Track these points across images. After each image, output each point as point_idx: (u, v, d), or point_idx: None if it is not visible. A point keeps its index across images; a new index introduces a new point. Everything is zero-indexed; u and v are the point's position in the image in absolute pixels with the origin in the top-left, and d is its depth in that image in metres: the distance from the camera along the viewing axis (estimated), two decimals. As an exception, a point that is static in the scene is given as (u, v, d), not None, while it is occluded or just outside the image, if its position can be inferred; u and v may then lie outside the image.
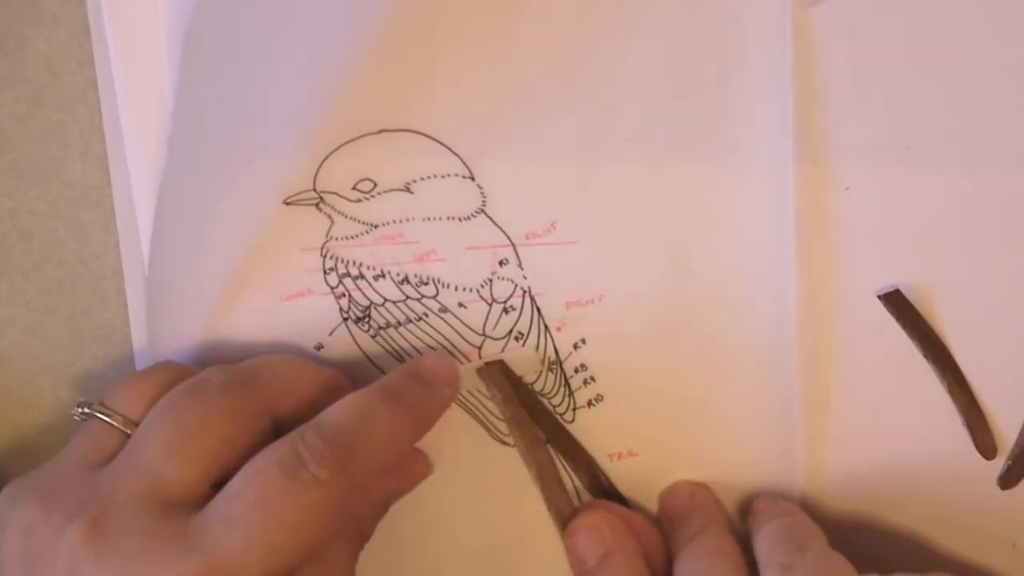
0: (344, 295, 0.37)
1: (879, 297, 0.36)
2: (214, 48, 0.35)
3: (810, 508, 0.38)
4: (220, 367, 0.33)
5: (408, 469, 0.37)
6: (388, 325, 0.37)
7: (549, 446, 0.38)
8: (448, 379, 0.35)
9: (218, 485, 0.31)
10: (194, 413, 0.32)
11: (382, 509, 0.37)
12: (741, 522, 0.38)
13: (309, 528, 0.30)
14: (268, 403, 0.33)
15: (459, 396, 0.37)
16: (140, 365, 0.37)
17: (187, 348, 0.36)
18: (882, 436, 0.37)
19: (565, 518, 0.36)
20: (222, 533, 0.29)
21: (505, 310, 0.37)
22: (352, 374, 0.37)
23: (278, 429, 0.33)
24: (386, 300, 0.37)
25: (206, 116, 0.35)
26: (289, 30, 0.34)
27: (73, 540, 0.29)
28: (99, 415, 0.33)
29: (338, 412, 0.32)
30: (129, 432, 0.33)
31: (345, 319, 0.37)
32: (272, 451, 0.31)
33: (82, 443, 0.33)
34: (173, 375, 0.34)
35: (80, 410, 0.34)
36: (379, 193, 0.36)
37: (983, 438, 0.37)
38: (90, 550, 0.29)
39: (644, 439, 0.38)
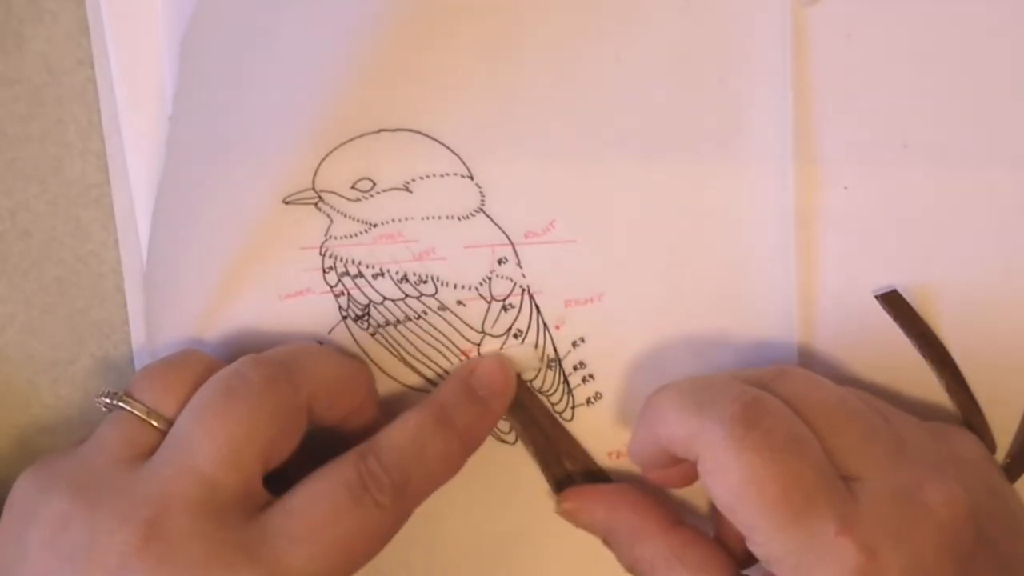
0: (343, 294, 0.37)
1: (876, 297, 0.36)
2: (213, 47, 0.35)
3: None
4: (254, 360, 0.33)
5: None
6: (387, 323, 0.37)
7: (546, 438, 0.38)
8: (503, 391, 0.36)
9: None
10: (241, 418, 0.31)
11: None
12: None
13: (367, 549, 0.32)
14: (305, 399, 0.33)
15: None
16: (139, 364, 0.37)
17: (187, 347, 0.36)
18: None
19: (561, 487, 0.37)
20: (286, 548, 0.30)
21: (504, 308, 0.37)
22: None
23: (313, 420, 0.34)
24: (385, 298, 0.37)
25: (205, 115, 0.35)
26: (289, 30, 0.34)
27: (126, 542, 0.29)
28: (132, 409, 0.33)
29: (397, 437, 0.33)
30: (160, 427, 0.32)
31: (344, 317, 0.37)
32: (337, 472, 0.32)
33: (114, 436, 0.32)
34: (202, 367, 0.34)
35: (107, 400, 0.33)
36: (378, 192, 0.36)
37: (983, 436, 0.37)
38: (146, 555, 0.29)
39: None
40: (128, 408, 0.33)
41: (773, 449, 0.29)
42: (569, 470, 0.38)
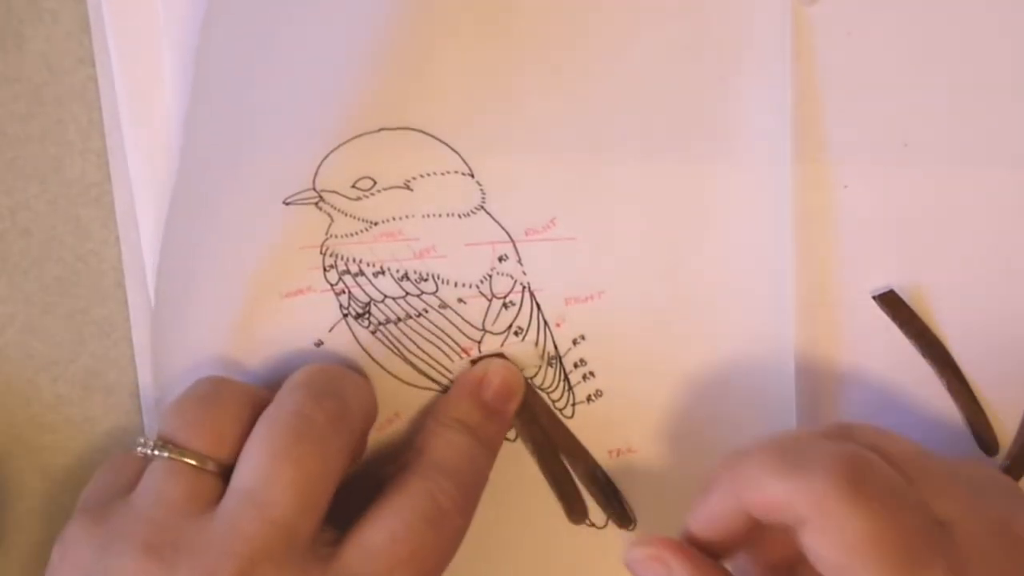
0: (344, 292, 0.37)
1: (874, 298, 0.36)
2: (213, 47, 0.35)
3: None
4: (313, 398, 0.33)
5: None
6: (388, 321, 0.37)
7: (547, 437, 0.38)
8: (513, 395, 0.37)
9: None
10: (315, 462, 0.31)
11: None
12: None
13: (443, 568, 0.33)
14: (361, 433, 0.34)
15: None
16: (140, 362, 0.37)
17: (188, 346, 0.36)
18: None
19: (561, 485, 0.38)
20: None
21: (505, 305, 0.37)
22: (353, 369, 0.37)
23: None
24: (386, 296, 0.37)
25: (205, 117, 0.35)
26: (289, 30, 0.34)
27: None
28: (187, 460, 0.32)
29: (455, 456, 0.34)
30: (216, 471, 0.32)
31: (345, 315, 0.37)
32: (411, 502, 0.32)
33: (172, 488, 0.32)
34: (245, 400, 0.34)
35: (153, 451, 0.32)
36: (379, 191, 0.36)
37: (985, 434, 0.37)
38: None
39: (643, 435, 0.38)
40: (187, 460, 0.32)
41: (885, 502, 0.28)
42: (569, 467, 0.38)
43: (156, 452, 0.32)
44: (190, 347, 0.37)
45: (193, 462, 0.32)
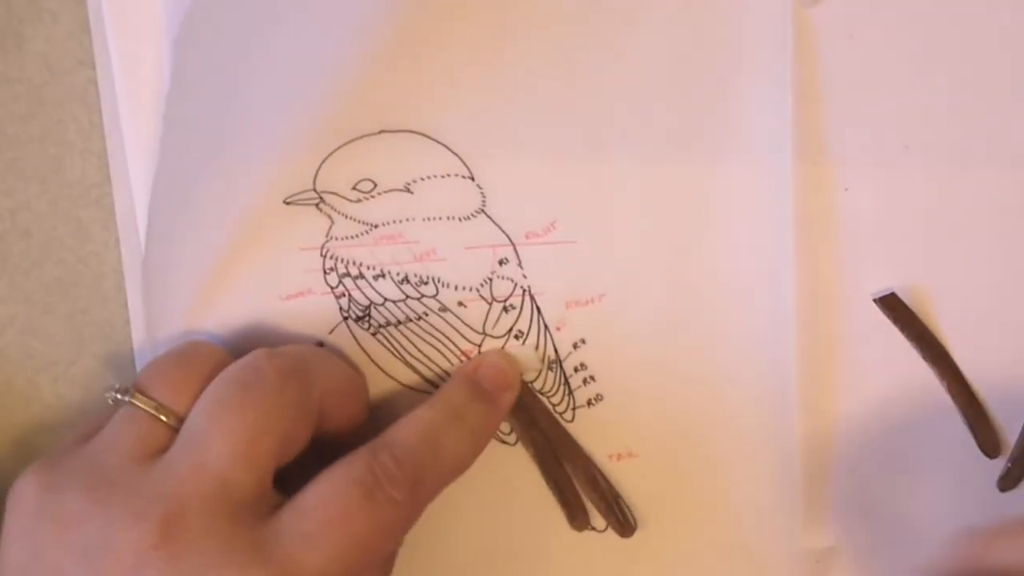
0: (344, 295, 0.37)
1: (875, 301, 0.36)
2: (213, 47, 0.35)
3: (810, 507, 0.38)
4: (268, 354, 0.33)
5: None
6: (388, 324, 0.37)
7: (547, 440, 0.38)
8: (509, 384, 0.36)
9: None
10: (255, 415, 0.31)
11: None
12: (737, 518, 0.38)
13: (381, 546, 0.32)
14: (318, 397, 0.33)
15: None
16: (140, 364, 0.37)
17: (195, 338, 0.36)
18: (883, 436, 0.37)
19: (562, 490, 0.37)
20: (298, 547, 0.30)
21: (505, 309, 0.37)
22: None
23: (319, 422, 0.34)
24: (386, 299, 0.37)
25: (206, 115, 0.35)
26: (289, 30, 0.34)
27: (141, 540, 0.29)
28: (143, 406, 0.32)
29: (408, 433, 0.33)
30: (171, 423, 0.32)
31: (345, 318, 0.37)
32: (348, 469, 0.31)
33: (125, 434, 0.32)
34: (212, 361, 0.33)
35: (117, 395, 0.33)
36: (379, 193, 0.36)
37: (986, 437, 0.37)
38: (162, 552, 0.29)
39: (643, 440, 0.38)
40: (139, 404, 0.32)
41: None
42: (569, 472, 0.38)
43: (119, 397, 0.33)
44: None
45: (150, 410, 0.32)
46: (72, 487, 0.31)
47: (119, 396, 0.33)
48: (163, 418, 0.32)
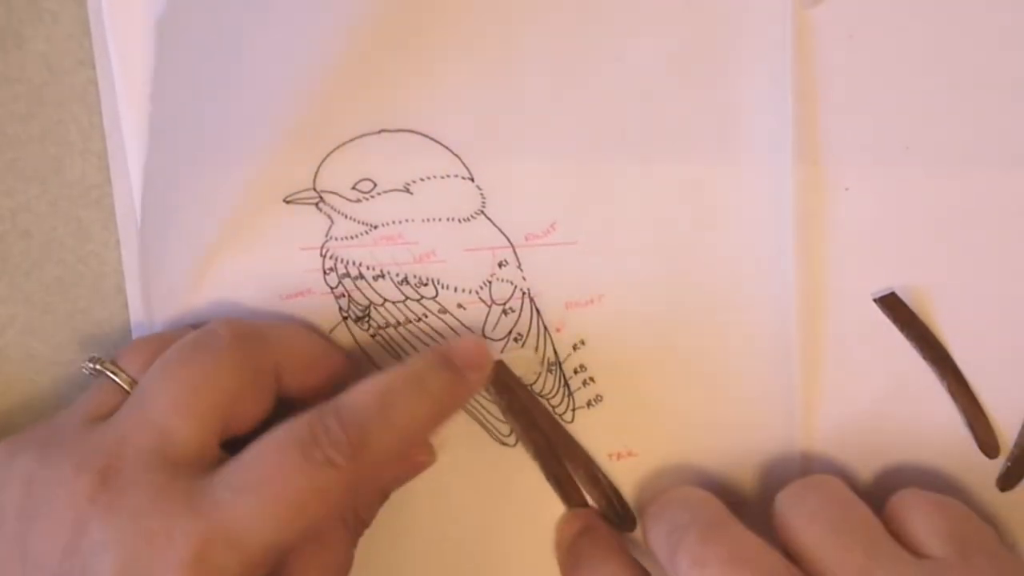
0: (344, 295, 0.37)
1: (875, 300, 0.36)
2: (213, 47, 0.35)
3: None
4: (227, 319, 0.33)
5: (411, 458, 0.37)
6: (388, 325, 0.37)
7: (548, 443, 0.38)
8: (479, 364, 0.34)
9: (224, 443, 0.32)
10: (202, 368, 0.31)
11: (382, 496, 0.36)
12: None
13: (316, 508, 0.30)
14: (275, 363, 0.33)
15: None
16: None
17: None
18: (882, 436, 0.37)
19: (564, 488, 0.37)
20: (228, 500, 0.29)
21: (504, 312, 0.37)
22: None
23: (281, 393, 0.34)
24: (385, 300, 0.37)
25: (205, 115, 0.35)
26: (290, 29, 0.34)
27: (80, 492, 0.29)
28: (106, 371, 0.33)
29: (359, 396, 0.32)
30: (129, 389, 0.33)
31: (345, 318, 0.37)
32: (290, 428, 0.31)
33: (86, 399, 0.33)
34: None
35: (90, 364, 0.34)
36: (379, 193, 0.36)
37: (985, 437, 0.37)
38: (99, 503, 0.29)
39: (643, 439, 0.38)
40: (105, 371, 0.33)
41: None
42: (569, 472, 0.38)
43: (89, 364, 0.33)
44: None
45: (114, 377, 0.33)
46: (26, 451, 0.31)
47: (92, 366, 0.33)
48: (119, 381, 0.33)
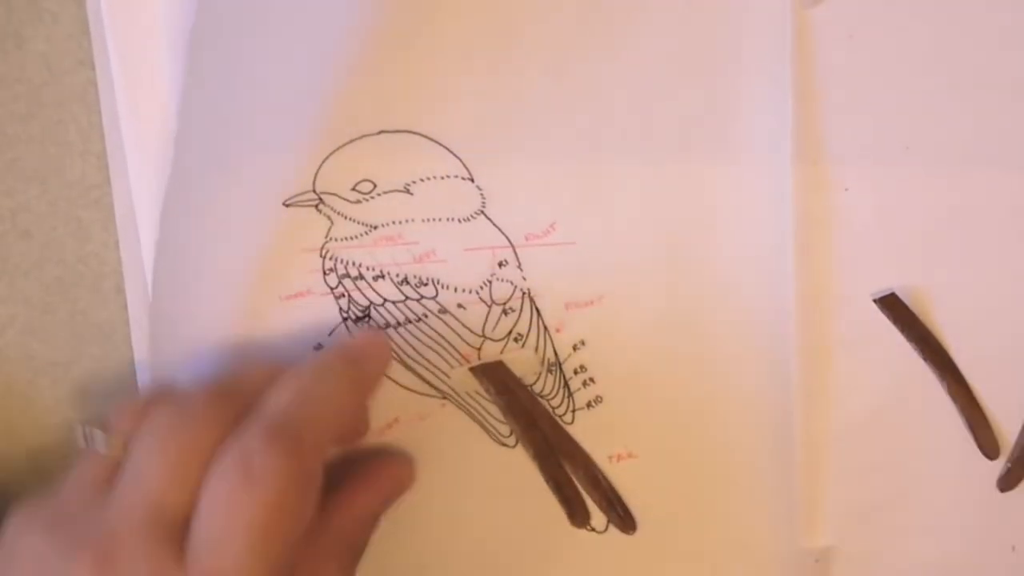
0: (344, 295, 0.37)
1: (874, 301, 0.36)
2: (214, 48, 0.35)
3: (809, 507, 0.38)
4: (205, 386, 0.33)
5: (388, 478, 0.36)
6: (387, 325, 0.37)
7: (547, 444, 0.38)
8: (378, 355, 0.35)
9: None
10: (186, 432, 0.31)
11: (370, 522, 0.36)
12: (737, 518, 0.38)
13: (289, 515, 0.30)
14: (249, 407, 0.33)
15: (459, 399, 0.37)
16: (140, 366, 0.37)
17: (187, 349, 0.36)
18: (882, 437, 0.37)
19: (564, 490, 0.37)
20: (209, 553, 0.29)
21: (504, 312, 0.37)
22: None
23: None
24: (386, 300, 0.37)
25: (206, 117, 0.35)
26: (289, 31, 0.34)
27: (81, 572, 0.29)
28: (96, 443, 0.32)
29: (275, 396, 0.32)
30: (120, 458, 0.32)
31: (345, 319, 0.37)
32: (223, 455, 0.30)
33: (85, 467, 0.32)
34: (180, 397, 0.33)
35: (82, 433, 0.33)
36: (379, 194, 0.36)
37: (985, 437, 0.37)
38: None
39: (643, 441, 0.38)
40: (95, 442, 0.33)
41: None
42: (569, 473, 0.38)
43: (81, 433, 0.33)
44: (188, 348, 0.36)
45: (105, 451, 0.32)
46: (35, 529, 0.31)
47: (84, 431, 0.33)
48: (111, 452, 0.32)
